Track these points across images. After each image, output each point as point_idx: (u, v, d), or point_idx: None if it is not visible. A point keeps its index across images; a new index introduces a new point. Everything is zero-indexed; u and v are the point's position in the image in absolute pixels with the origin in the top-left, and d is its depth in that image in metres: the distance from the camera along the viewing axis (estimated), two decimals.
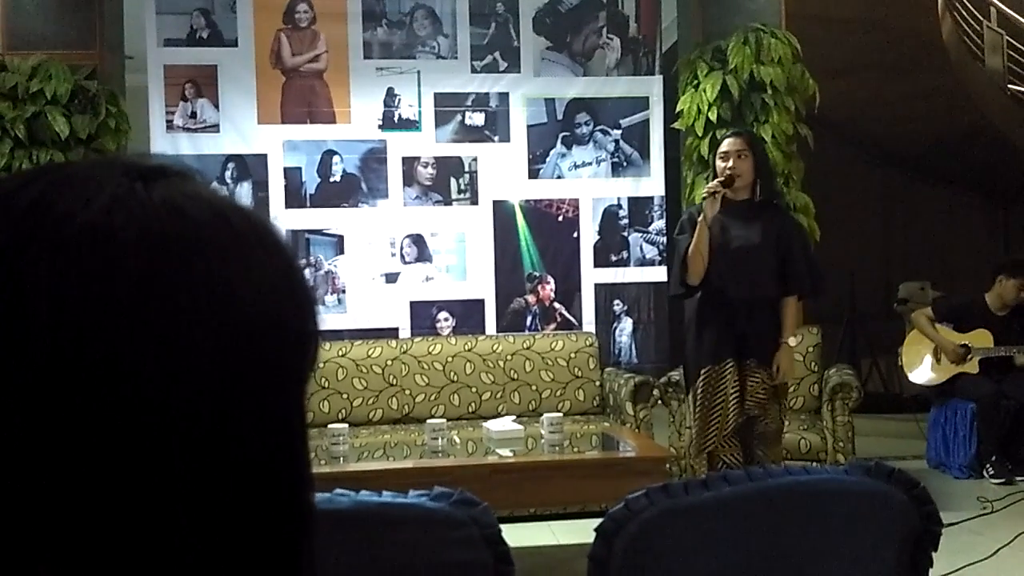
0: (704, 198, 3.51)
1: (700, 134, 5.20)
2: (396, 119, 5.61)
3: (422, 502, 1.25)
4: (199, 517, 0.43)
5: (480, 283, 5.62)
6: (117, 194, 0.43)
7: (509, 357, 5.21)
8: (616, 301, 5.72)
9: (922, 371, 5.56)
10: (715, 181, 3.51)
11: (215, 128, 5.51)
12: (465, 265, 5.63)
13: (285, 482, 0.46)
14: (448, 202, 5.63)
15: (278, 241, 0.48)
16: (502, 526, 1.29)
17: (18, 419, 0.40)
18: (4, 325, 0.40)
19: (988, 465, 5.19)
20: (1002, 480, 5.10)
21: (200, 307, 0.43)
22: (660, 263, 5.63)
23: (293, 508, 0.47)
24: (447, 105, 5.64)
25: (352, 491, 1.26)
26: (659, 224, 5.71)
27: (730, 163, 3.49)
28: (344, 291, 5.55)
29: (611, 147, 5.73)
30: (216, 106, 5.51)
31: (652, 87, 5.77)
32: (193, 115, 5.51)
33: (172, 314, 0.42)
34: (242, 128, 5.52)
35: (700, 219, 3.48)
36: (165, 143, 5.40)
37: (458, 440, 4.39)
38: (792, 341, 3.56)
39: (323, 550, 1.29)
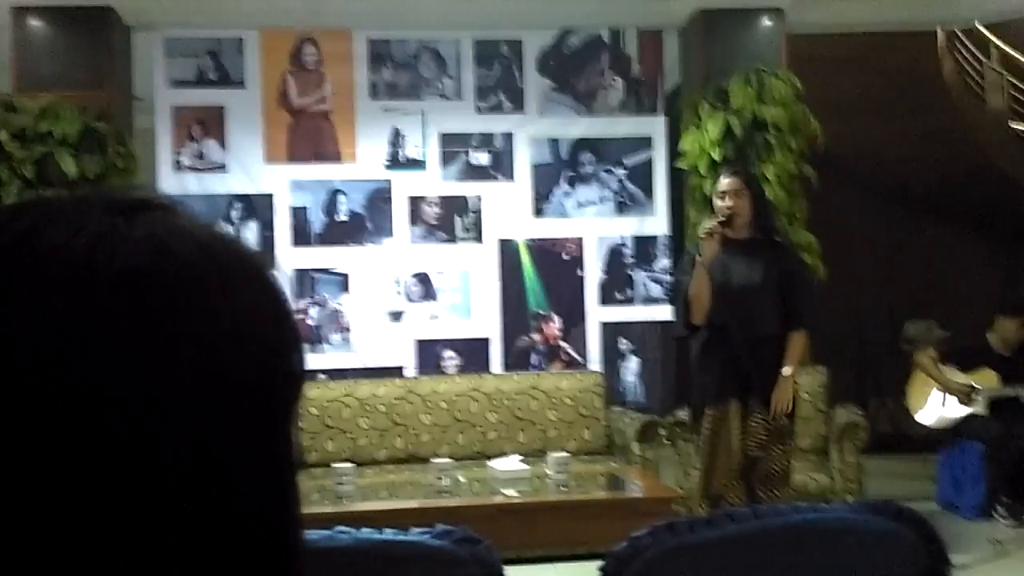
0: (702, 238, 3.51)
1: (703, 173, 5.23)
2: (402, 159, 5.65)
3: (424, 540, 1.23)
4: (185, 551, 0.42)
5: (485, 321, 5.62)
6: (99, 231, 0.43)
7: (515, 396, 5.19)
8: (622, 339, 5.71)
9: (929, 412, 5.51)
10: (713, 221, 3.51)
11: (222, 168, 5.56)
12: (470, 303, 5.63)
13: (272, 515, 0.46)
14: (453, 241, 5.64)
15: (264, 275, 0.48)
16: (507, 567, 1.27)
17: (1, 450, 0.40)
18: None
19: (999, 506, 5.12)
20: (1013, 522, 5.04)
21: (183, 343, 0.42)
22: (666, 301, 5.62)
23: (280, 543, 0.46)
24: (452, 145, 5.68)
25: (353, 528, 1.24)
26: (664, 262, 5.72)
27: (728, 202, 3.50)
28: (349, 329, 5.54)
29: (615, 186, 5.76)
30: (223, 146, 5.56)
31: (655, 127, 5.81)
32: (200, 155, 5.56)
33: (155, 350, 0.42)
34: (249, 168, 5.56)
35: (699, 260, 3.48)
36: (172, 183, 5.44)
37: (464, 480, 4.36)
38: (787, 371, 3.49)
39: None
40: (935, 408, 5.49)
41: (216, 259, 0.45)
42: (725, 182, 3.56)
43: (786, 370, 3.48)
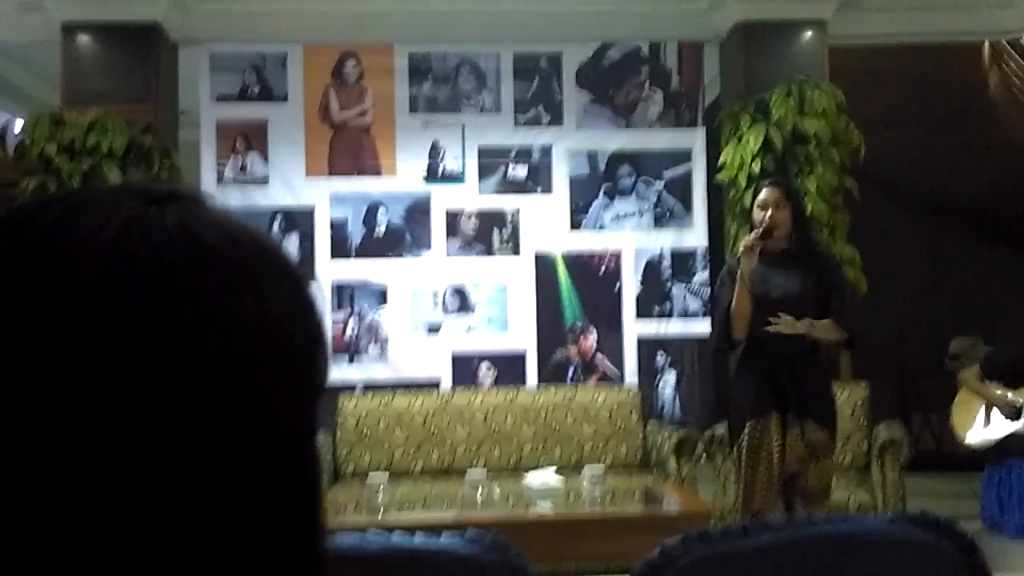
0: (742, 252, 3.46)
1: (743, 186, 5.18)
2: (440, 172, 5.68)
3: (454, 546, 1.23)
4: (204, 535, 0.42)
5: (522, 334, 5.61)
6: (132, 217, 0.44)
7: (550, 409, 5.18)
8: (659, 353, 5.67)
9: (974, 430, 5.40)
10: (752, 235, 3.47)
11: (264, 181, 5.63)
12: (507, 316, 5.63)
13: (292, 501, 0.46)
14: (491, 253, 5.65)
15: (288, 266, 0.49)
16: None
17: (29, 431, 0.41)
18: (21, 344, 0.41)
19: None
20: None
21: (212, 328, 0.43)
22: (703, 315, 5.58)
23: (303, 532, 0.46)
24: (490, 158, 5.70)
25: (384, 531, 1.25)
26: (702, 276, 5.68)
27: (769, 213, 3.47)
28: (387, 342, 5.57)
29: (653, 199, 5.73)
30: (266, 159, 5.63)
31: (695, 139, 5.78)
32: (243, 168, 5.63)
33: (185, 334, 0.42)
34: (290, 181, 5.63)
35: (739, 275, 3.44)
36: (215, 196, 5.50)
37: (498, 492, 4.35)
38: (805, 321, 3.38)
39: None
40: (980, 426, 5.38)
41: (244, 250, 0.46)
42: (764, 193, 3.53)
43: (806, 321, 3.36)
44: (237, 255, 0.46)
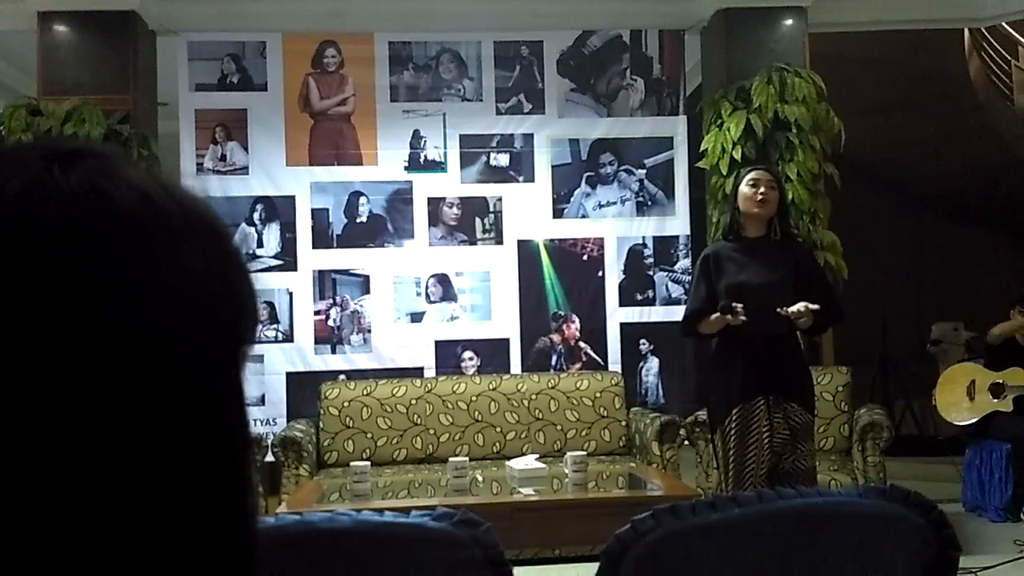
0: (729, 319, 3.37)
1: (724, 173, 5.19)
2: (422, 160, 5.67)
3: (424, 522, 1.23)
4: (119, 508, 0.41)
5: (505, 322, 5.61)
6: (33, 177, 0.42)
7: (534, 397, 5.18)
8: (642, 340, 5.68)
9: (956, 411, 5.44)
10: (738, 319, 3.36)
11: (244, 170, 5.60)
12: (490, 304, 5.63)
13: (212, 473, 0.44)
14: (473, 242, 5.65)
15: (213, 225, 0.46)
16: (526, 567, 1.27)
17: None
18: None
19: None
20: None
21: (120, 288, 0.41)
22: (686, 302, 5.58)
23: (227, 507, 0.44)
24: (472, 146, 5.69)
25: (353, 511, 1.24)
26: (684, 263, 5.69)
27: (761, 190, 3.47)
28: (370, 330, 5.56)
29: (635, 187, 5.74)
30: (245, 149, 5.60)
31: (676, 127, 5.78)
32: (223, 158, 5.60)
33: (90, 294, 0.40)
34: (271, 170, 5.60)
35: (721, 310, 3.37)
36: (195, 186, 5.47)
37: (481, 479, 4.36)
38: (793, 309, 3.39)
39: (323, 569, 1.26)
40: (962, 406, 5.41)
41: (160, 210, 0.44)
42: (757, 172, 3.55)
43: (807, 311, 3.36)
44: (149, 213, 0.43)
